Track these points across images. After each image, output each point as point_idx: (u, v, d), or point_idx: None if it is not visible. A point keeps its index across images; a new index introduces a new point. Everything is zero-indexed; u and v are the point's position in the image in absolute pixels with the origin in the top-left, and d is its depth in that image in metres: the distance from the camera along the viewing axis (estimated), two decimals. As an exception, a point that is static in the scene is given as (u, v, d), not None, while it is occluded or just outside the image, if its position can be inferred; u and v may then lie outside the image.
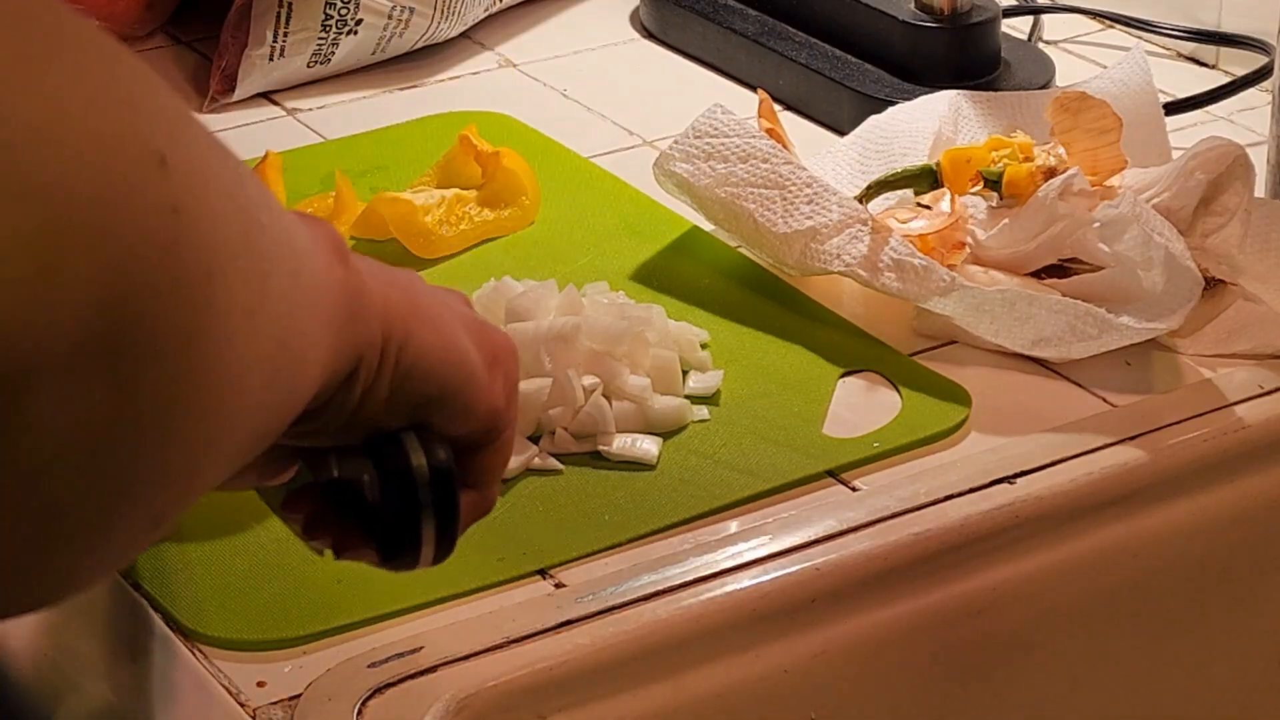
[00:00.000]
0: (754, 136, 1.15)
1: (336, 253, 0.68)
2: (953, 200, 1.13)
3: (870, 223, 1.10)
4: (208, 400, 0.57)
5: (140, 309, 0.53)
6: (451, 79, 1.45)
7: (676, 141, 1.17)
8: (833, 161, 1.22)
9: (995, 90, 1.30)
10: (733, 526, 0.97)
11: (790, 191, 1.13)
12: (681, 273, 1.17)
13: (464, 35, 1.50)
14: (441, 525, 0.75)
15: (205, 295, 0.55)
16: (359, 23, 1.42)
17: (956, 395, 1.06)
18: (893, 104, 1.27)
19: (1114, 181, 1.13)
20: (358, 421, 0.73)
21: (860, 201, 1.15)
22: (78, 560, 0.55)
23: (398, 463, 0.74)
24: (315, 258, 0.66)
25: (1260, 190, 1.17)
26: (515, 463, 1.00)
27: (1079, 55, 1.46)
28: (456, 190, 1.23)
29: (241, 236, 0.59)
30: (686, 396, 1.05)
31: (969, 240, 1.12)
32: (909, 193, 1.18)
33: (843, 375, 1.08)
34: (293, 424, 0.67)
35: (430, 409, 0.74)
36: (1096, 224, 1.08)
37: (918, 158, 1.20)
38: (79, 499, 0.54)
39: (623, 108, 1.39)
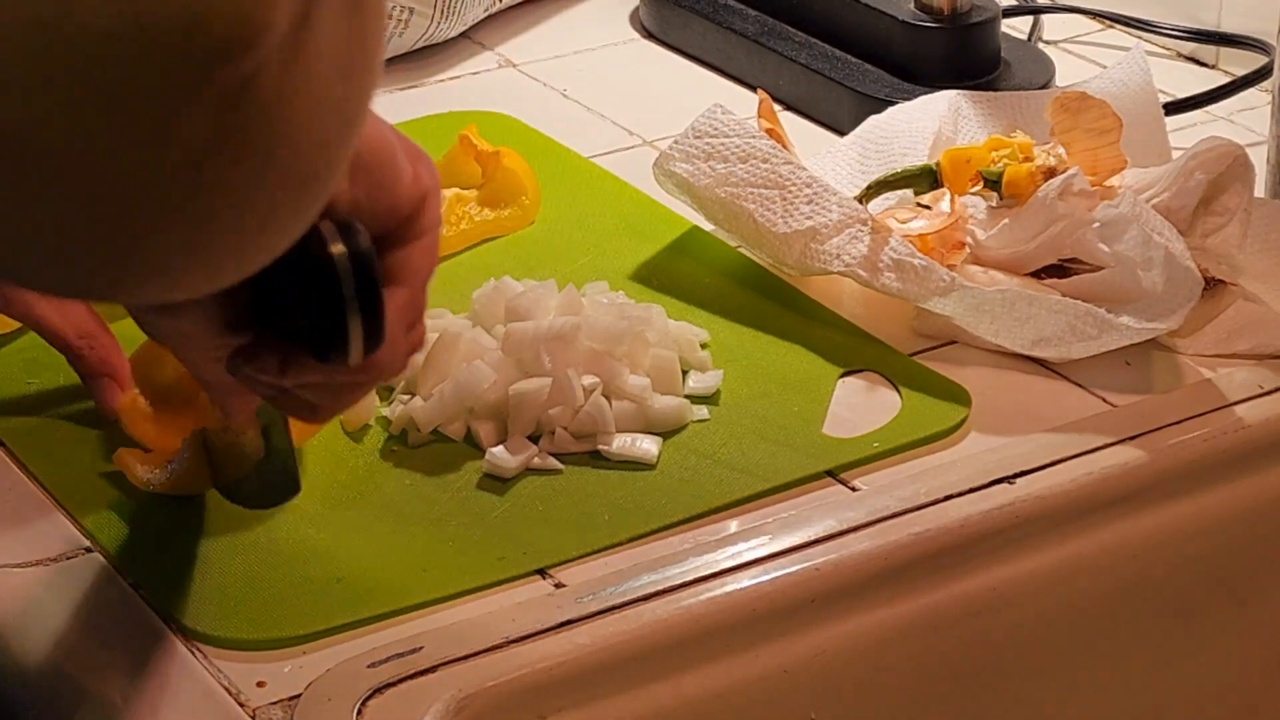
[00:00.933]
0: (754, 136, 1.15)
1: None
2: (952, 200, 1.13)
3: (870, 223, 1.10)
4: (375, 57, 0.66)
5: None
6: (451, 79, 1.45)
7: (676, 141, 1.17)
8: (832, 161, 1.22)
9: (995, 90, 1.30)
10: (733, 526, 0.97)
11: (790, 191, 1.13)
12: (681, 273, 1.17)
13: (464, 35, 1.50)
14: (366, 313, 0.74)
15: None
16: (359, 23, 1.42)
17: (956, 395, 1.06)
18: (893, 104, 1.27)
19: (1114, 181, 1.13)
20: None
21: (860, 201, 1.15)
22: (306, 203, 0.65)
23: (317, 253, 0.72)
24: None
25: (1260, 190, 1.17)
26: (515, 462, 1.00)
27: (1079, 55, 1.46)
28: (456, 190, 1.23)
29: None
30: (686, 396, 1.05)
31: (969, 240, 1.12)
32: (909, 193, 1.18)
33: (843, 375, 1.08)
34: None
35: (355, 176, 0.74)
36: (1096, 224, 1.08)
37: (918, 158, 1.20)
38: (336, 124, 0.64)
39: (623, 108, 1.39)
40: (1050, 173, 1.11)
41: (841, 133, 1.25)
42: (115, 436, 1.02)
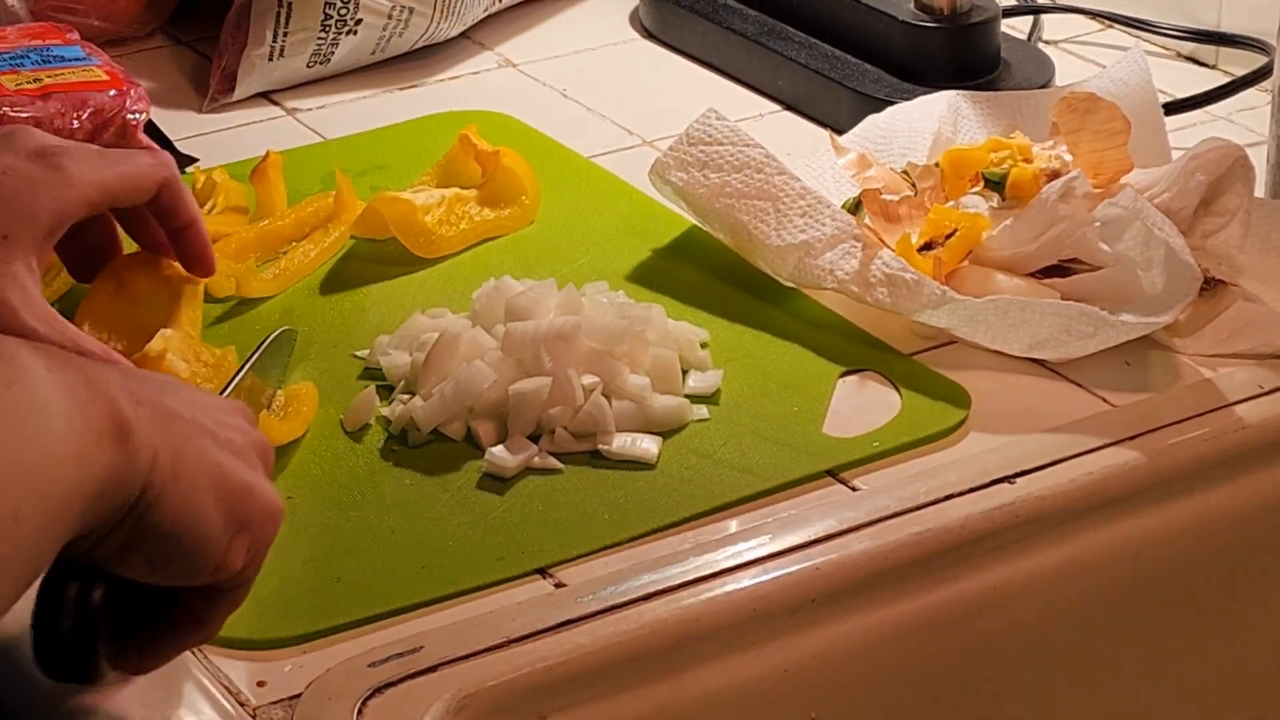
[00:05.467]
0: (747, 145, 1.15)
1: (108, 433, 0.73)
2: (934, 191, 1.14)
3: (862, 238, 1.11)
4: None
5: None
6: (451, 79, 1.45)
7: (671, 149, 1.17)
8: (831, 161, 1.22)
9: (995, 90, 1.30)
10: (733, 526, 0.97)
11: (784, 204, 1.13)
12: (681, 272, 1.17)
13: (464, 35, 1.50)
14: (79, 658, 0.81)
15: None
16: (359, 23, 1.42)
17: (956, 395, 1.06)
18: (892, 104, 1.27)
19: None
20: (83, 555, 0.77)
21: (849, 211, 1.15)
22: None
23: (56, 596, 0.79)
24: (70, 451, 0.72)
25: (1260, 190, 1.17)
26: (515, 461, 1.00)
27: (1079, 55, 1.46)
28: (456, 190, 1.23)
29: None
30: (686, 396, 1.05)
31: (910, 230, 1.12)
32: (916, 160, 1.18)
33: (843, 375, 1.08)
34: None
35: (152, 569, 0.78)
36: (1097, 224, 1.08)
37: (917, 157, 1.20)
38: None
39: (623, 108, 1.39)
40: (1054, 175, 1.11)
41: (841, 133, 1.25)
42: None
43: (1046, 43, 1.47)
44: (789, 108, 1.39)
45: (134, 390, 0.76)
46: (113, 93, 1.30)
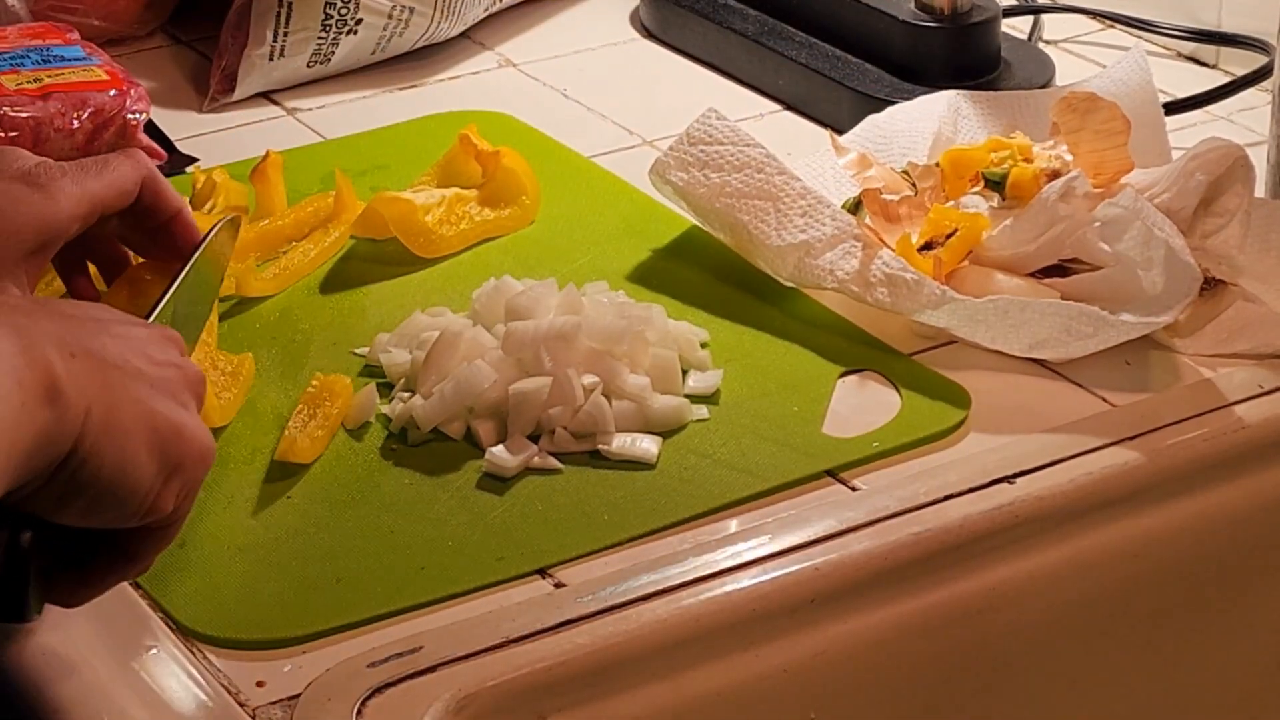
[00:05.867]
0: (747, 145, 1.15)
1: (39, 394, 0.75)
2: (934, 191, 1.14)
3: (862, 237, 1.11)
4: None
5: None
6: (451, 79, 1.45)
7: (672, 149, 1.17)
8: (832, 161, 1.22)
9: (995, 90, 1.30)
10: (732, 526, 0.97)
11: (784, 204, 1.13)
12: (681, 272, 1.17)
13: (464, 35, 1.50)
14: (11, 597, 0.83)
15: None
16: (359, 23, 1.42)
17: (956, 395, 1.06)
18: (893, 104, 1.27)
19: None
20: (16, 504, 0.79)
21: (849, 210, 1.15)
22: None
23: None
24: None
25: (1260, 190, 1.17)
26: (515, 461, 1.00)
27: (1079, 55, 1.46)
28: (457, 190, 1.23)
29: None
30: (686, 396, 1.05)
31: (910, 230, 1.12)
32: (916, 160, 1.18)
33: (842, 375, 1.08)
34: None
35: (85, 516, 0.80)
36: (1097, 223, 1.08)
37: (917, 157, 1.20)
38: None
39: (623, 108, 1.39)
40: (1054, 175, 1.11)
41: (841, 133, 1.25)
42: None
43: (1047, 43, 1.47)
44: (789, 108, 1.39)
45: (68, 340, 0.77)
46: (113, 93, 1.30)
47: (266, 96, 1.43)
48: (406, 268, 1.19)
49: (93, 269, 1.08)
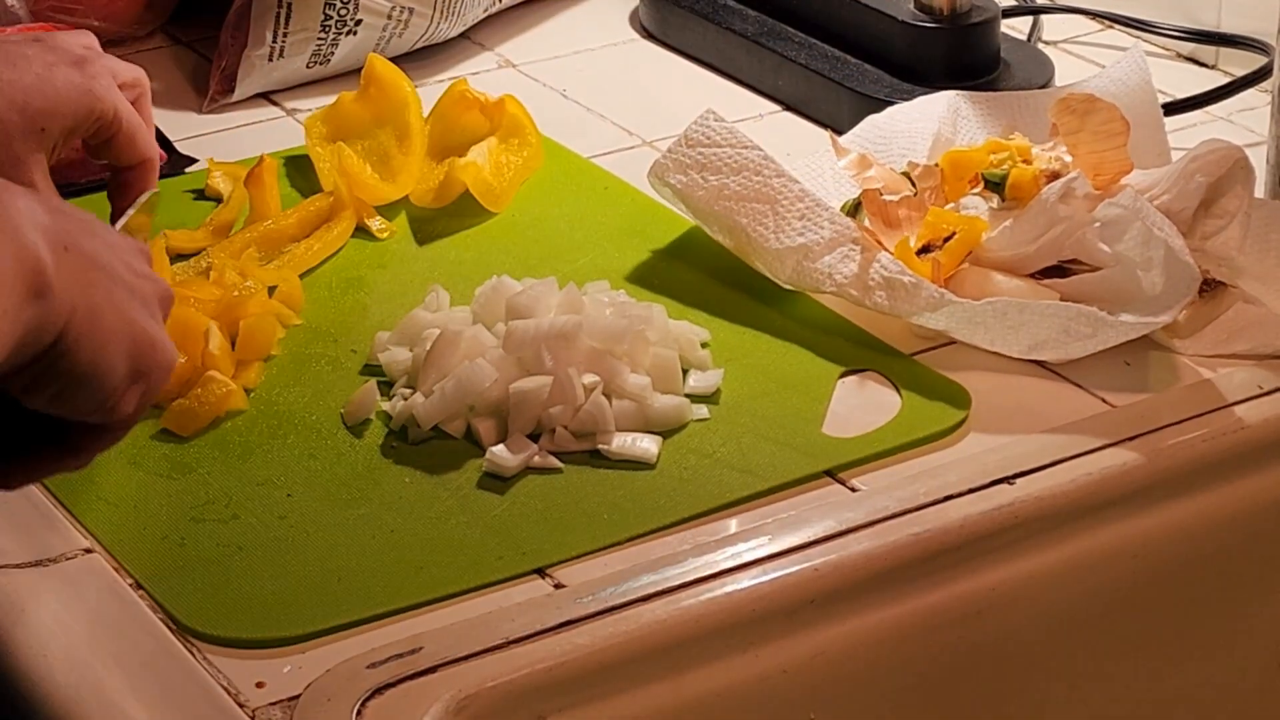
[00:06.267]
0: (745, 147, 1.15)
1: (29, 292, 0.77)
2: (934, 192, 1.14)
3: (860, 241, 1.11)
4: None
5: None
6: (451, 79, 1.45)
7: (670, 150, 1.17)
8: (831, 162, 1.22)
9: (995, 90, 1.30)
10: (732, 526, 0.97)
11: (782, 206, 1.13)
12: (681, 272, 1.17)
13: (464, 35, 1.50)
14: None
15: None
16: (358, 23, 1.42)
17: (956, 395, 1.06)
18: (892, 104, 1.27)
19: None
20: None
21: (848, 213, 1.15)
22: None
23: None
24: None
25: (1260, 191, 1.17)
26: (515, 461, 1.00)
27: (1079, 55, 1.46)
28: (487, 143, 1.26)
29: None
30: (686, 395, 1.05)
31: (910, 232, 1.12)
32: (915, 158, 1.18)
33: (843, 375, 1.08)
34: None
35: (52, 403, 0.83)
36: (1097, 224, 1.08)
37: (917, 158, 1.20)
38: None
39: (623, 108, 1.39)
40: (1054, 176, 1.11)
41: (841, 133, 1.25)
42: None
43: (1046, 43, 1.47)
44: (789, 108, 1.38)
45: (60, 235, 0.80)
46: (113, 92, 1.30)
47: (266, 97, 1.43)
48: (406, 265, 1.19)
49: None
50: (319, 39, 1.41)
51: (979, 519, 0.97)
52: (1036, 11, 1.48)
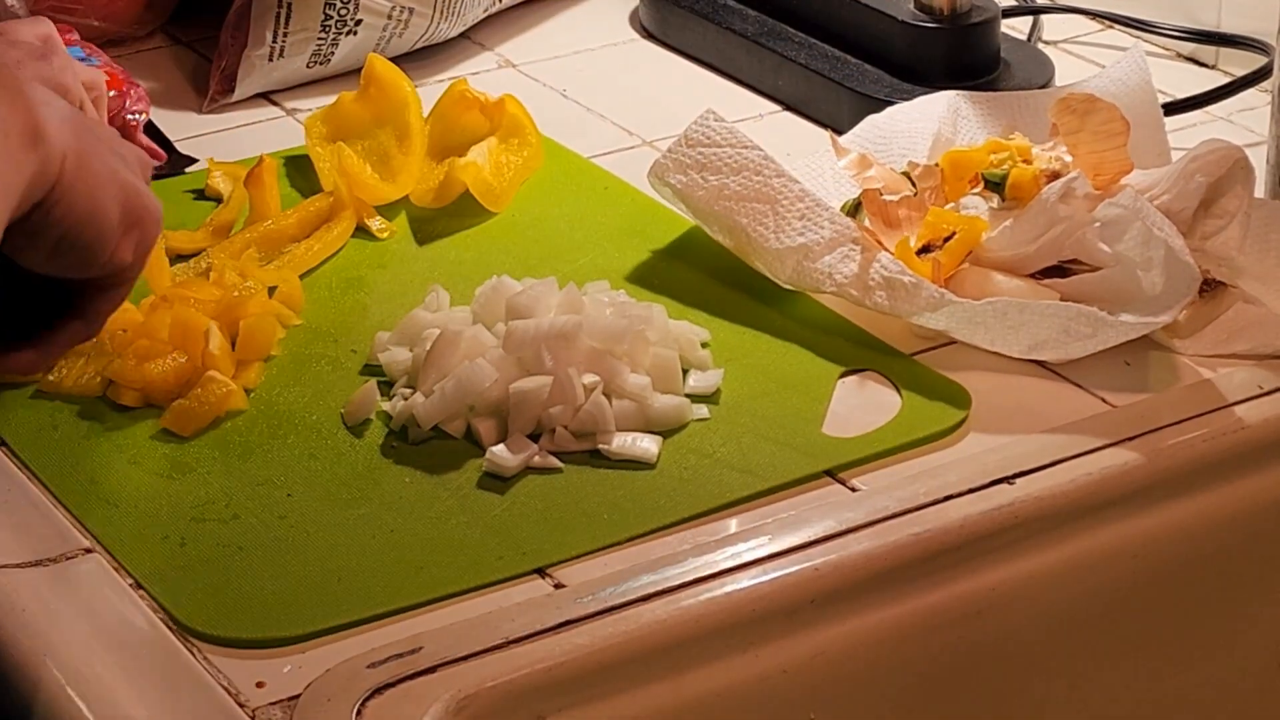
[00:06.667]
0: (745, 147, 1.15)
1: (28, 139, 0.81)
2: (934, 192, 1.14)
3: (860, 241, 1.11)
4: None
5: None
6: (451, 79, 1.45)
7: (670, 150, 1.17)
8: (831, 162, 1.22)
9: (995, 90, 1.30)
10: (732, 526, 0.97)
11: (782, 206, 1.13)
12: (681, 272, 1.17)
13: (464, 35, 1.50)
14: None
15: None
16: (359, 23, 1.42)
17: (956, 395, 1.06)
18: (892, 104, 1.27)
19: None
20: None
21: (848, 213, 1.15)
22: None
23: None
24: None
25: (1260, 191, 1.17)
26: (515, 461, 1.00)
27: (1079, 55, 1.46)
28: (486, 143, 1.26)
29: None
30: (686, 395, 1.05)
31: (909, 232, 1.12)
32: (914, 158, 1.18)
33: (843, 375, 1.08)
34: None
35: (51, 258, 0.86)
36: (1097, 224, 1.08)
37: (917, 158, 1.20)
38: None
39: (623, 108, 1.39)
40: (1054, 176, 1.11)
41: (841, 133, 1.25)
42: (117, 432, 1.02)
43: (1046, 43, 1.47)
44: (789, 108, 1.39)
45: (49, 94, 0.84)
46: (113, 93, 1.30)
47: (266, 97, 1.43)
48: (406, 265, 1.19)
49: None
50: (319, 39, 1.41)
51: (979, 519, 0.97)
52: (1036, 11, 1.48)
